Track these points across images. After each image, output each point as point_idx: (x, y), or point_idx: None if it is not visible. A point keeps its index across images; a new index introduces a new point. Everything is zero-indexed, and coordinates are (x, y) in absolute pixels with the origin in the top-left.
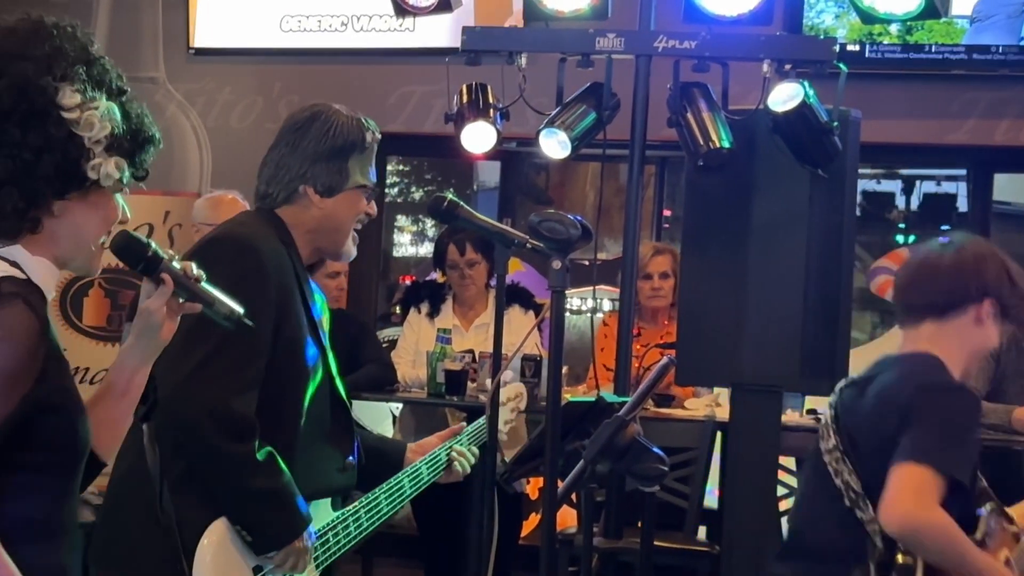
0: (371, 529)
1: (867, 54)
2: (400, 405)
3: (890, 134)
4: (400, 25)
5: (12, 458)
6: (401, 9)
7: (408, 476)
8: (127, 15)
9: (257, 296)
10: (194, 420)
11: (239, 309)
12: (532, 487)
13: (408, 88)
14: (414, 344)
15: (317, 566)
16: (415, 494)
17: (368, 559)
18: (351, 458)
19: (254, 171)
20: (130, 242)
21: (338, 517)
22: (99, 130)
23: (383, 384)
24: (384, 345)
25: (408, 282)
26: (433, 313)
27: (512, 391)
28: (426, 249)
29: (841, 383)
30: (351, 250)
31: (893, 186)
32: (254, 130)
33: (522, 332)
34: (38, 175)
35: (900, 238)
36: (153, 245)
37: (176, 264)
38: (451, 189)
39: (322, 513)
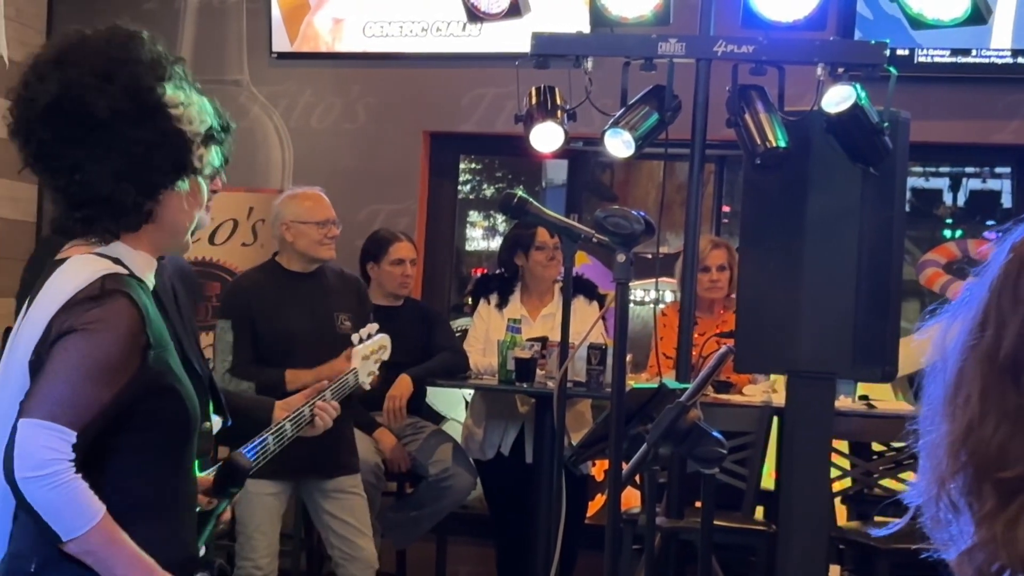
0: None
1: (916, 58)
2: (472, 391)
3: (938, 134)
4: (477, 30)
5: (122, 439)
6: (474, 15)
7: (273, 433)
8: (212, 22)
9: None
10: None
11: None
12: (598, 469)
13: (480, 90)
14: (484, 333)
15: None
16: (279, 450)
17: (442, 538)
18: (208, 422)
19: (333, 169)
20: (240, 473)
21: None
22: (199, 123)
23: (456, 371)
24: (456, 335)
25: (479, 274)
26: (502, 304)
27: (376, 344)
28: (497, 243)
29: None
30: None
31: (940, 183)
32: (333, 130)
33: (586, 322)
34: (152, 168)
35: (947, 233)
36: (240, 488)
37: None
38: (521, 186)
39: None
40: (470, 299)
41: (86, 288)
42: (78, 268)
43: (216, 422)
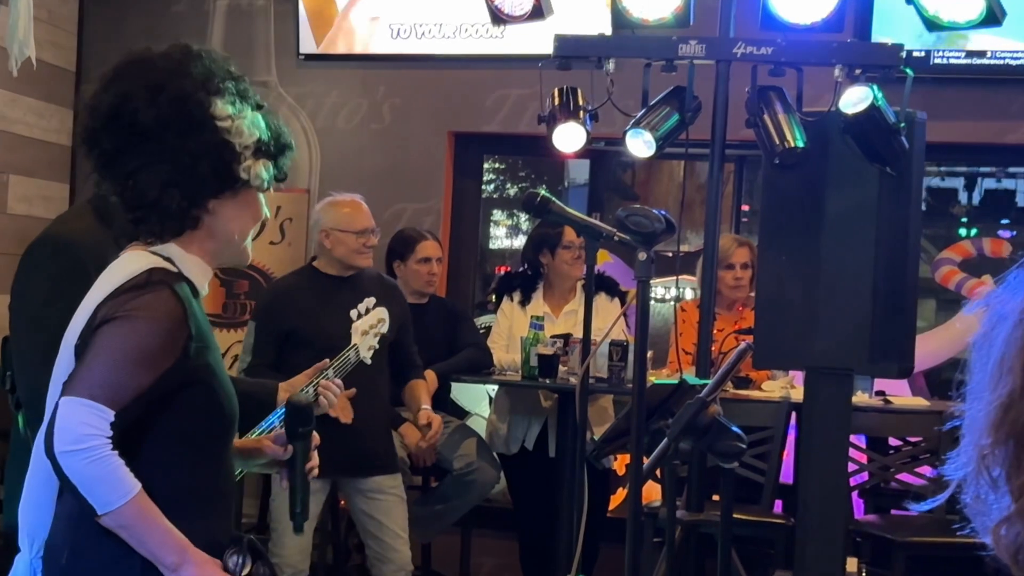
0: (244, 471)
1: (932, 60)
2: (496, 387)
3: (954, 134)
4: (500, 32)
5: (160, 428)
6: (497, 18)
7: (279, 416)
8: (241, 24)
9: None
10: None
11: (301, 514)
12: (619, 463)
13: (503, 91)
14: (507, 330)
15: None
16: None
17: (467, 531)
18: None
19: (359, 169)
20: (304, 411)
21: None
22: (248, 136)
23: (480, 367)
24: (481, 331)
25: (503, 272)
26: (525, 301)
27: (374, 317)
28: (520, 242)
29: None
30: None
31: (956, 183)
32: (359, 131)
33: (608, 318)
34: (197, 177)
35: (963, 231)
36: (314, 421)
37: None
38: (544, 186)
39: None
40: (493, 297)
41: (133, 279)
42: (128, 261)
43: None
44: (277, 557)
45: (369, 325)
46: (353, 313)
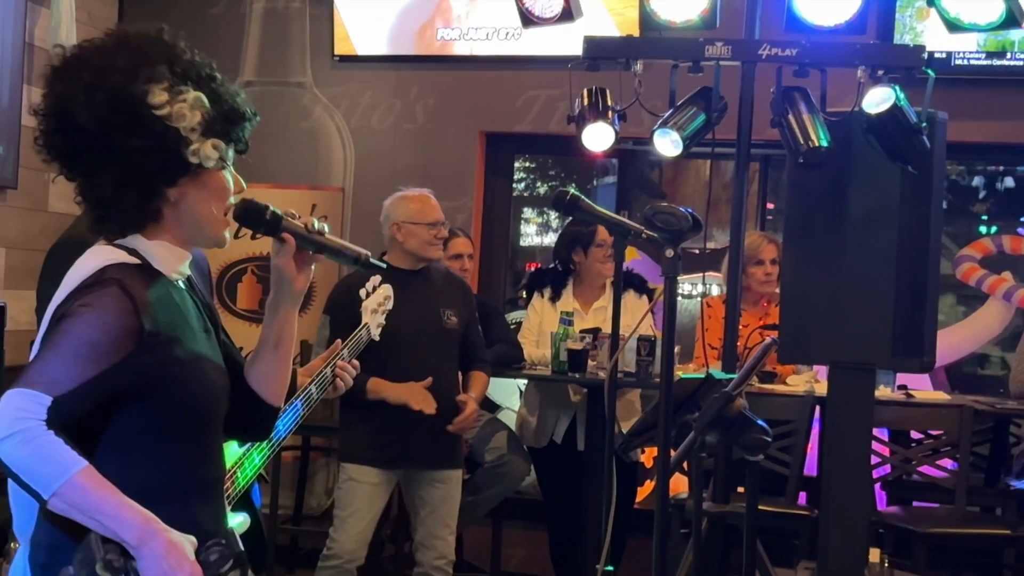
0: (273, 450)
1: (953, 61)
2: (526, 381)
3: (974, 134)
4: (530, 34)
5: (121, 426)
6: (527, 20)
7: (301, 398)
8: (277, 27)
9: None
10: None
11: (366, 252)
12: (647, 456)
13: (534, 92)
14: (537, 325)
15: (233, 495)
16: (309, 412)
17: (498, 522)
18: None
19: (392, 168)
20: (248, 208)
21: (244, 452)
22: (191, 119)
23: (511, 362)
24: (511, 327)
25: (533, 269)
26: (555, 297)
27: (381, 295)
28: (550, 239)
29: None
30: None
31: (976, 181)
32: (393, 130)
33: (636, 315)
34: (148, 171)
35: (983, 229)
36: (271, 208)
37: (298, 222)
38: (573, 184)
39: (230, 453)
40: (524, 293)
41: (86, 279)
42: (87, 259)
43: None
44: (336, 542)
45: (377, 303)
46: (362, 292)
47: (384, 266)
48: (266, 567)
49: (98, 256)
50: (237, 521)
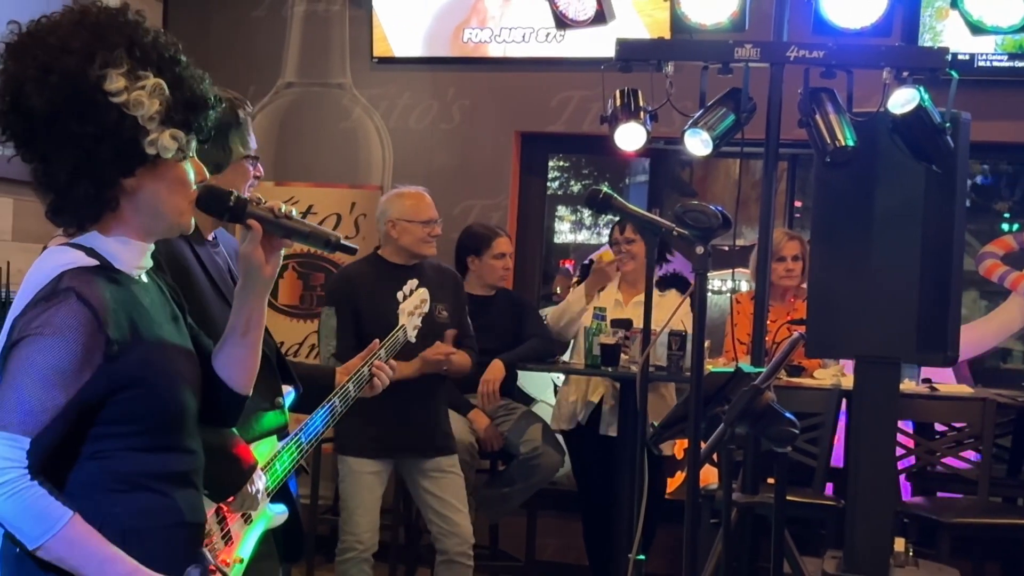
0: (312, 445)
1: (976, 62)
2: (561, 375)
3: (997, 134)
4: (560, 36)
5: (96, 431)
6: (562, 23)
7: (339, 396)
8: (318, 29)
9: None
10: None
11: (336, 234)
12: (678, 448)
13: (567, 93)
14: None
15: (271, 487)
16: (346, 410)
17: (532, 512)
18: (280, 398)
19: (430, 167)
20: (211, 194)
21: (282, 446)
22: (149, 107)
23: (545, 356)
24: (545, 322)
25: (587, 260)
26: (601, 288)
27: (418, 298)
28: (584, 236)
29: None
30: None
31: (999, 180)
32: (430, 131)
33: (678, 314)
34: (102, 160)
35: (1005, 226)
36: (235, 193)
37: (264, 206)
38: (606, 183)
39: (267, 448)
40: (575, 281)
41: (42, 289)
42: (43, 264)
43: (288, 395)
44: (349, 535)
45: (414, 306)
46: (399, 295)
47: (355, 248)
48: (305, 557)
49: (53, 260)
50: (276, 512)
